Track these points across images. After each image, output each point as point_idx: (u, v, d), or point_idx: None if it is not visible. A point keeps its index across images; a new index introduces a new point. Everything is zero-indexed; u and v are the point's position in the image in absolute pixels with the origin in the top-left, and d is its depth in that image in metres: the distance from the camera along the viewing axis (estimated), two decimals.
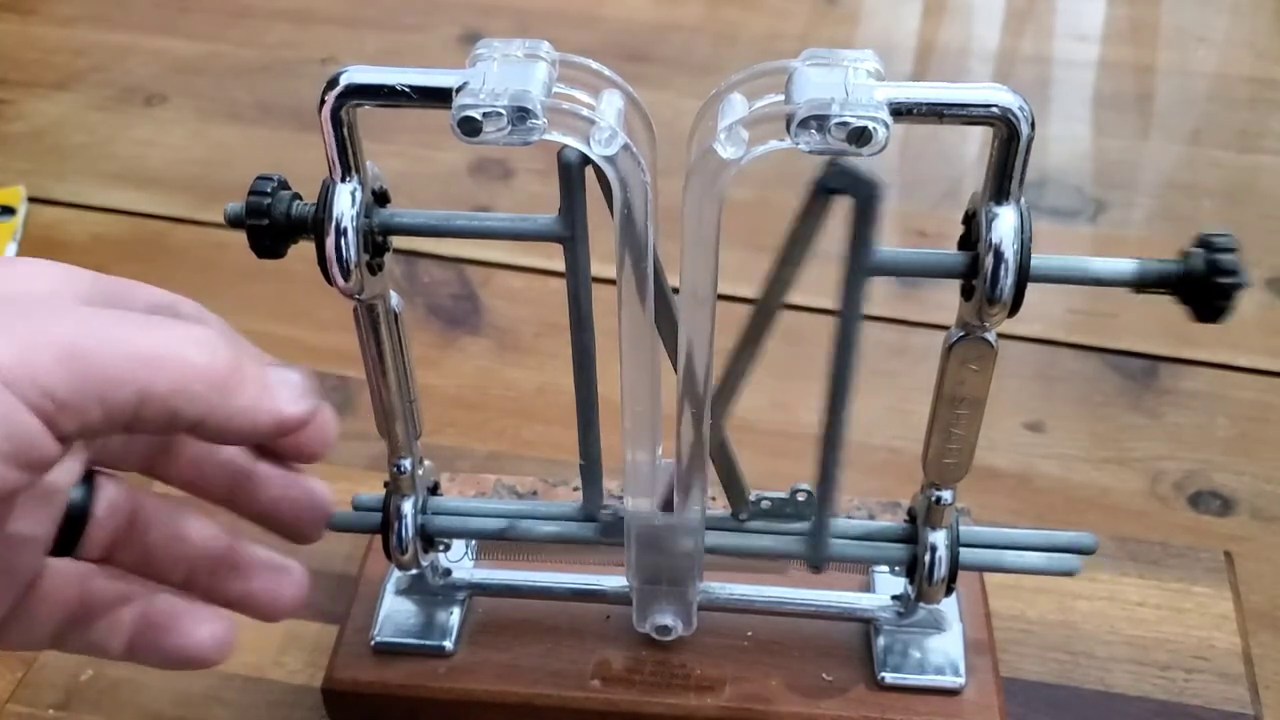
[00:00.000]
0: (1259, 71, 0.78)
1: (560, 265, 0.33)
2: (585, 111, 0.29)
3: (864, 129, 0.27)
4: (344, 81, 0.29)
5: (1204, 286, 0.30)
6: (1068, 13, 0.85)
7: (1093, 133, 0.73)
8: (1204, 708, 0.42)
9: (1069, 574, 0.38)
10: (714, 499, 0.37)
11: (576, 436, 0.36)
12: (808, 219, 0.30)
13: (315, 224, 0.31)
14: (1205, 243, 0.30)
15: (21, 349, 0.23)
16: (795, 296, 0.31)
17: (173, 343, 0.25)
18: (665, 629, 0.39)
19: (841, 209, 0.29)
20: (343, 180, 0.30)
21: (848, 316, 0.32)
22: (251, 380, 0.26)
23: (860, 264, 0.31)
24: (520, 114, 0.28)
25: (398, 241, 0.33)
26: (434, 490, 0.39)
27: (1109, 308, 0.58)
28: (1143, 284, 0.31)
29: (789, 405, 0.53)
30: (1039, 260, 0.30)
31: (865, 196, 0.30)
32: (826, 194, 0.29)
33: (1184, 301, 0.31)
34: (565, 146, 0.29)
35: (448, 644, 0.40)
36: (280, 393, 0.27)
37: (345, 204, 0.30)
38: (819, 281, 0.31)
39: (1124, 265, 0.31)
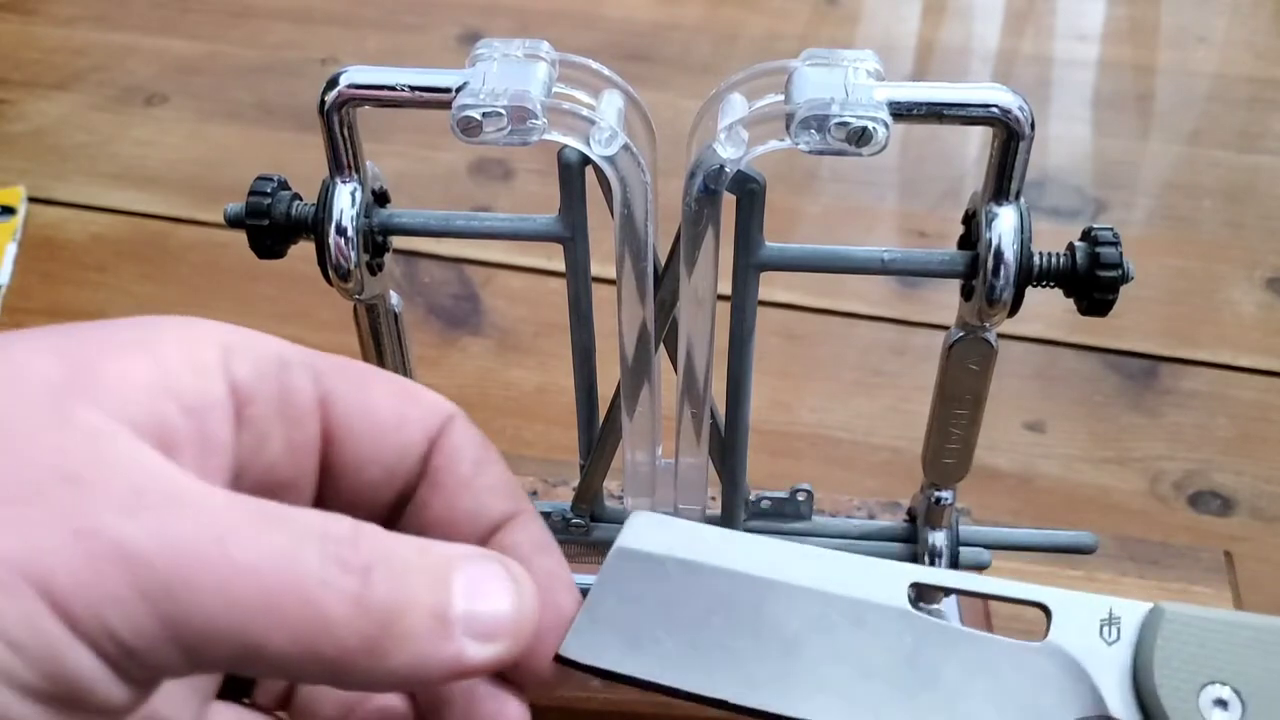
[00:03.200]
0: (1259, 71, 0.78)
1: (560, 265, 0.33)
2: (585, 111, 0.29)
3: (864, 129, 0.27)
4: (344, 81, 0.29)
5: (1087, 280, 0.30)
6: (1068, 12, 0.85)
7: (1093, 133, 0.73)
8: None
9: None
10: (714, 498, 0.37)
11: (576, 436, 0.36)
12: (696, 221, 0.30)
13: (315, 224, 0.31)
14: (1088, 236, 0.30)
15: (85, 560, 0.16)
16: (795, 297, 0.31)
17: (307, 587, 0.18)
18: None
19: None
20: (343, 180, 0.30)
21: (739, 310, 0.32)
22: (417, 636, 0.19)
23: (748, 259, 0.31)
24: (520, 114, 0.28)
25: (398, 241, 0.33)
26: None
27: None
28: (1028, 278, 0.31)
29: (789, 405, 0.53)
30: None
31: (746, 193, 0.30)
32: (709, 194, 0.29)
33: (1070, 295, 0.31)
34: (565, 146, 0.29)
35: None
36: (466, 644, 0.19)
37: (345, 204, 0.30)
38: (819, 281, 0.31)
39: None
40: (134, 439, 0.18)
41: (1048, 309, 0.41)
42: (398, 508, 0.23)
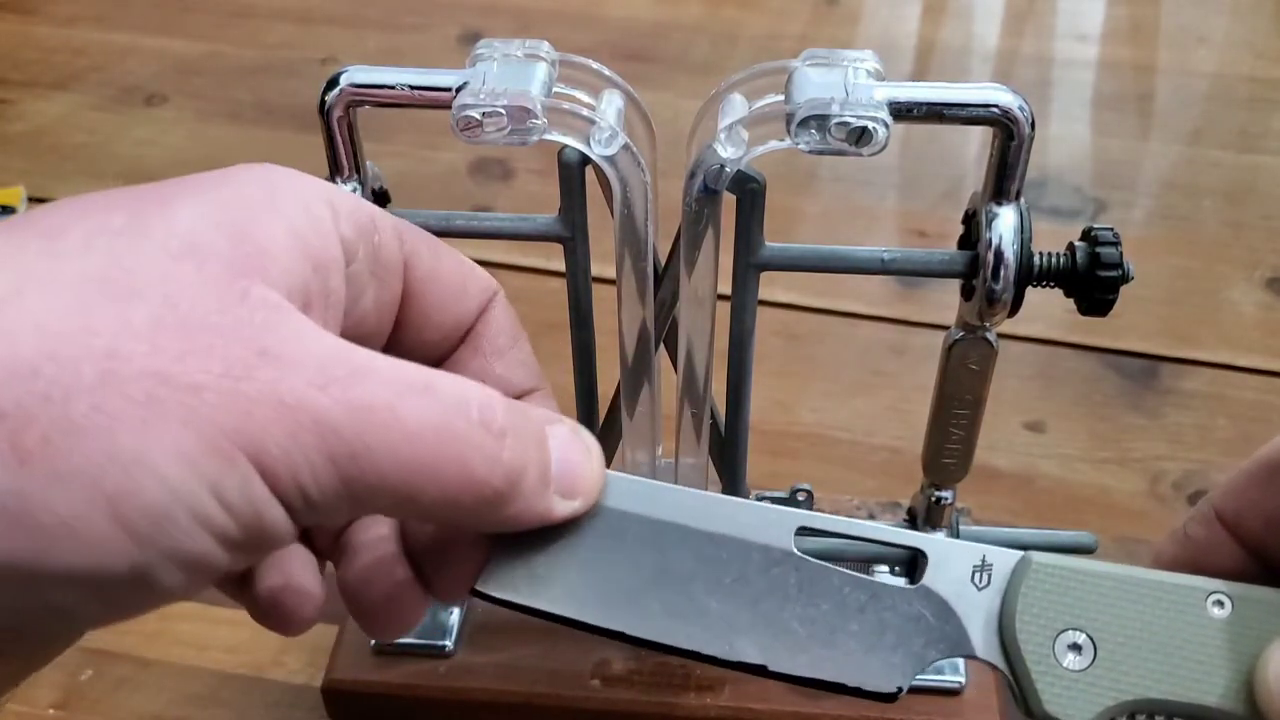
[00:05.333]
0: (1259, 71, 0.78)
1: (560, 265, 0.33)
2: (585, 111, 0.29)
3: (864, 129, 0.27)
4: (344, 81, 0.29)
5: (1088, 280, 0.30)
6: (1068, 13, 0.85)
7: (1093, 133, 0.73)
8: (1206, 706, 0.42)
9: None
10: None
11: None
12: (696, 221, 0.30)
13: None
14: (1089, 236, 0.31)
15: (289, 430, 0.19)
16: (795, 297, 0.31)
17: (461, 449, 0.20)
18: None
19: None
20: (343, 180, 0.30)
21: (739, 310, 0.33)
22: (529, 492, 0.22)
23: (748, 259, 0.31)
24: (520, 114, 0.28)
25: None
26: None
27: None
28: (1029, 278, 0.31)
29: (789, 405, 0.53)
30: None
31: (746, 193, 0.30)
32: (710, 194, 0.30)
33: (1070, 294, 0.31)
34: (565, 146, 0.29)
35: (447, 644, 0.40)
36: (555, 500, 0.23)
37: None
38: (819, 281, 0.31)
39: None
40: (301, 315, 0.20)
41: (1048, 309, 0.41)
42: (436, 364, 0.25)
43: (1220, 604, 0.23)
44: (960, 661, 0.39)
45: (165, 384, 0.18)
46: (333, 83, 0.29)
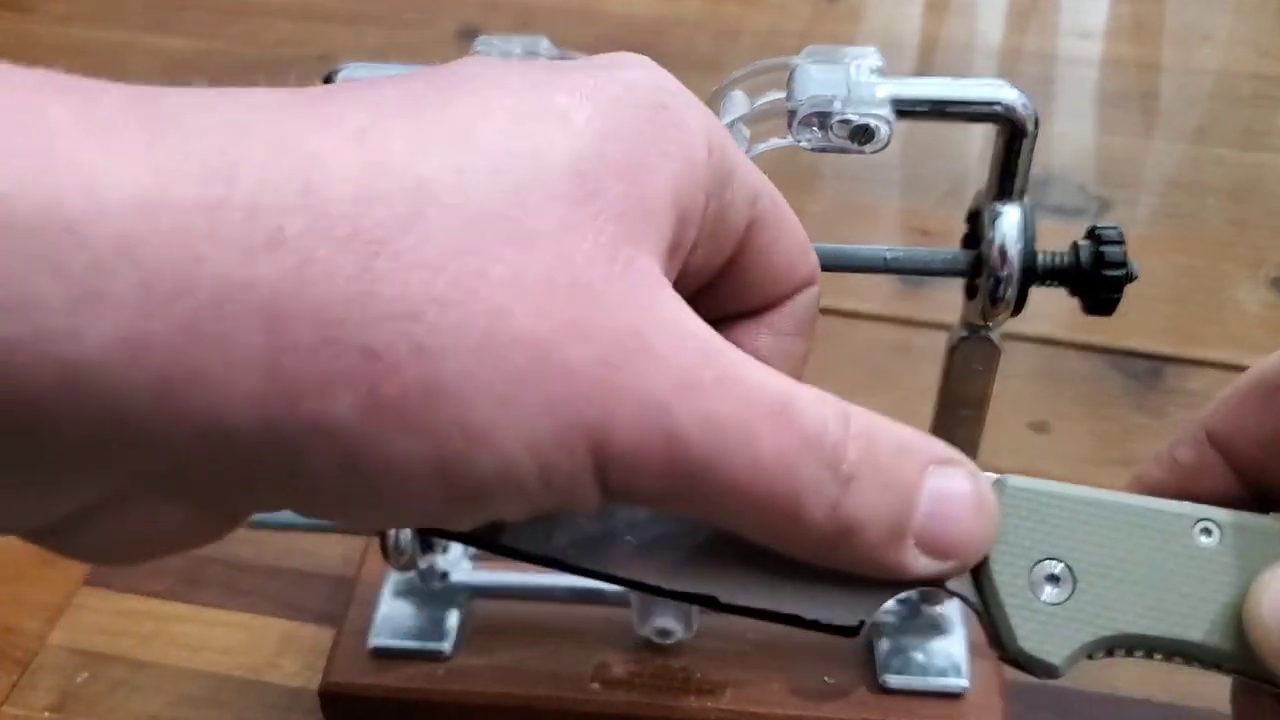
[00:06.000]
0: (1263, 69, 0.78)
1: None
2: None
3: (866, 126, 0.27)
4: (341, 78, 0.29)
5: (1092, 279, 0.30)
6: (1071, 9, 0.85)
7: (1097, 130, 0.73)
8: (1209, 710, 0.42)
9: None
10: None
11: None
12: None
13: None
14: (1093, 235, 0.30)
15: (640, 434, 0.17)
16: None
17: (799, 488, 0.18)
18: (666, 632, 0.39)
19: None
20: None
21: None
22: (872, 544, 0.19)
23: None
24: None
25: None
26: None
27: None
28: (1032, 277, 0.30)
29: None
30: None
31: None
32: None
33: (1074, 294, 0.30)
34: None
35: (446, 647, 0.40)
36: (913, 556, 0.20)
37: None
38: (822, 280, 0.31)
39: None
40: (675, 296, 0.18)
41: (1052, 308, 0.40)
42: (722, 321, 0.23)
43: (1208, 532, 0.21)
44: (963, 664, 0.39)
45: (540, 360, 0.17)
46: (330, 79, 0.29)
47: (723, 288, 0.22)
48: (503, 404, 0.16)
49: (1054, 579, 0.21)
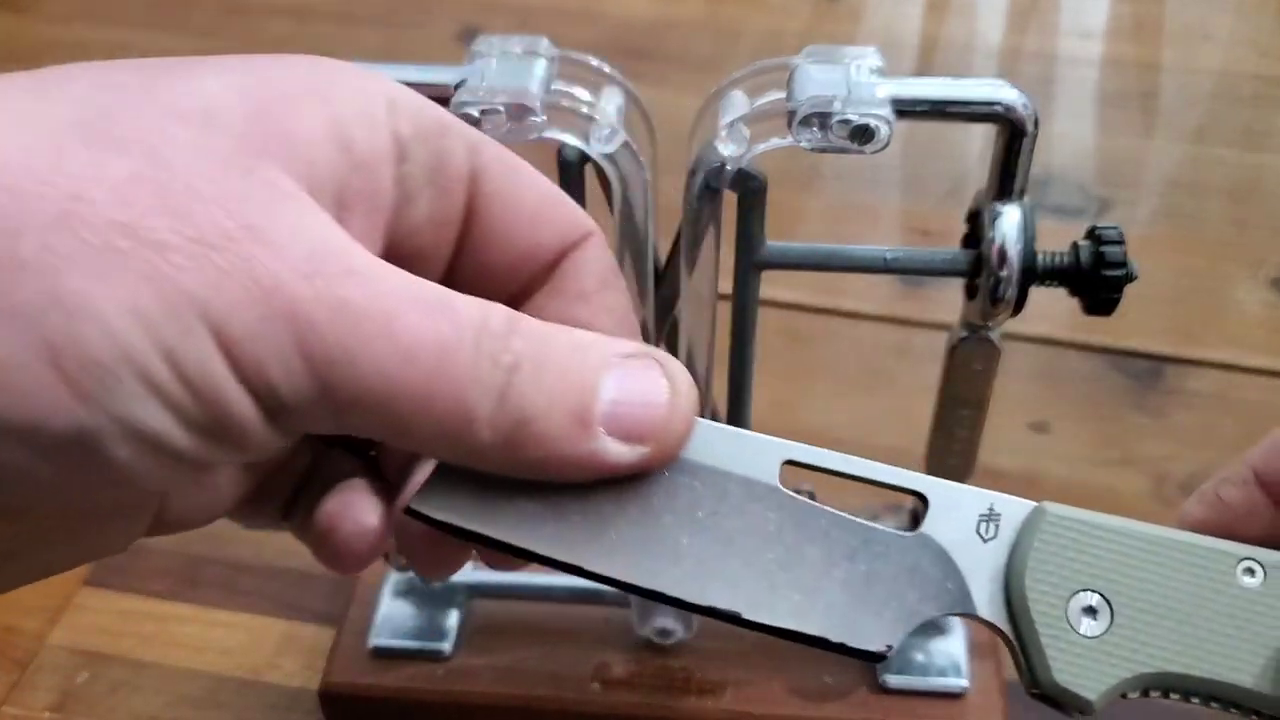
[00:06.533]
0: (1264, 69, 0.78)
1: None
2: (585, 109, 0.29)
3: (866, 126, 0.27)
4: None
5: (1092, 279, 0.30)
6: (1071, 9, 0.85)
7: (1097, 130, 0.73)
8: (1210, 711, 0.42)
9: None
10: None
11: None
12: (697, 219, 0.30)
13: None
14: (1093, 235, 0.30)
15: (259, 313, 0.17)
16: (797, 296, 0.31)
17: (460, 380, 0.18)
18: (666, 632, 0.39)
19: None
20: None
21: (740, 309, 0.32)
22: (554, 436, 0.19)
23: (749, 258, 0.31)
24: (519, 111, 0.28)
25: None
26: None
27: None
28: (1032, 277, 0.30)
29: (790, 405, 0.53)
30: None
31: (748, 191, 0.29)
32: (711, 192, 0.29)
33: (1074, 294, 0.30)
34: (564, 144, 0.29)
35: (446, 647, 0.40)
36: (607, 444, 0.19)
37: None
38: (821, 280, 0.31)
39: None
40: (314, 206, 0.18)
41: (1052, 308, 0.40)
42: (512, 304, 0.22)
43: (1252, 572, 0.21)
44: (963, 664, 0.38)
45: (128, 236, 0.16)
46: None
47: (484, 242, 0.22)
48: (94, 276, 0.16)
49: (1091, 611, 0.21)
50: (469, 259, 0.22)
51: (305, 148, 0.19)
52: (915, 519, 0.38)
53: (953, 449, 0.35)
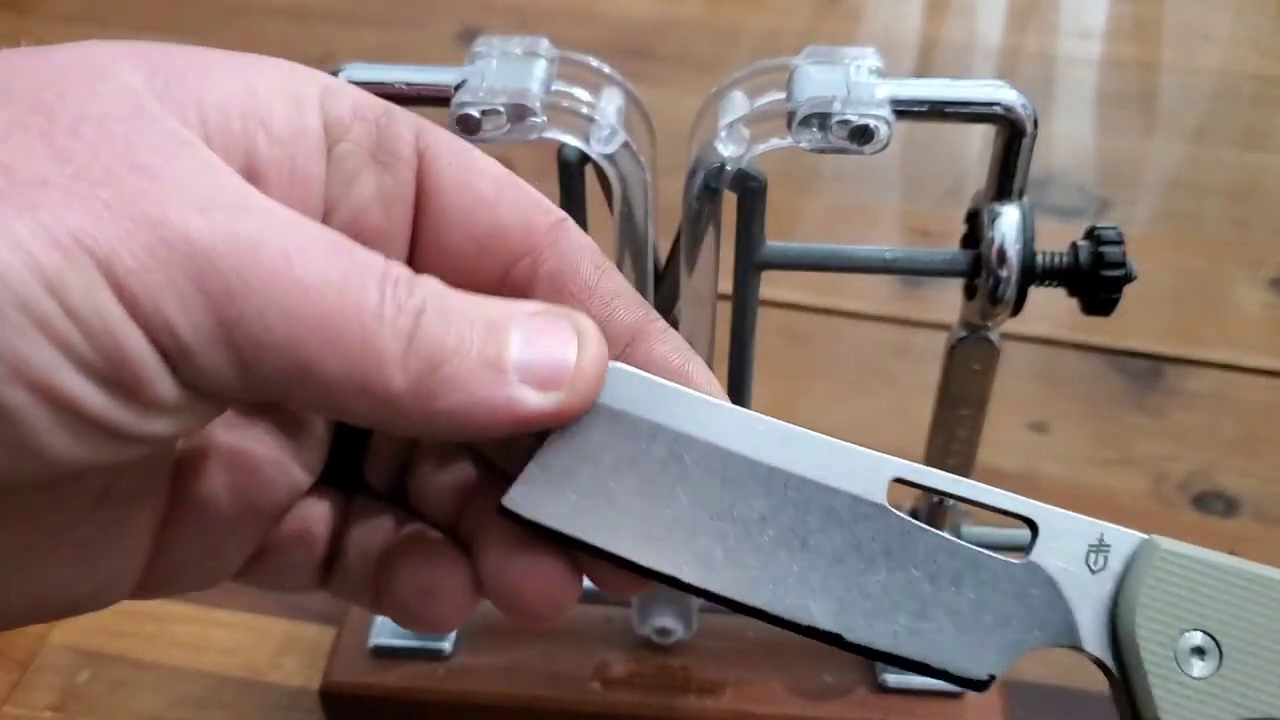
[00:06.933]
0: (1263, 69, 0.78)
1: None
2: (585, 109, 0.29)
3: (866, 127, 0.27)
4: (342, 79, 0.29)
5: (1091, 279, 0.30)
6: (1071, 10, 0.85)
7: (1096, 131, 0.73)
8: None
9: None
10: None
11: None
12: (696, 220, 0.30)
13: None
14: (1092, 235, 0.30)
15: (149, 245, 0.16)
16: (797, 296, 0.31)
17: (365, 317, 0.17)
18: (666, 631, 0.39)
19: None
20: None
21: (740, 309, 0.32)
22: (468, 380, 0.18)
23: (749, 258, 0.31)
24: (519, 111, 0.28)
25: None
26: None
27: None
28: (1032, 277, 0.30)
29: (790, 405, 0.53)
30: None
31: (747, 191, 0.29)
32: (710, 192, 0.29)
33: (1073, 294, 0.30)
34: (564, 144, 0.29)
35: (446, 646, 0.40)
36: (522, 391, 0.19)
37: None
38: (821, 280, 0.31)
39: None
40: (212, 155, 0.18)
41: (1051, 308, 0.41)
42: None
43: None
44: None
45: (4, 176, 0.16)
46: None
47: (441, 220, 0.21)
48: None
49: (1200, 652, 0.20)
50: (431, 239, 0.22)
51: (207, 110, 0.18)
52: (914, 518, 0.39)
53: (952, 449, 0.35)
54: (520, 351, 0.19)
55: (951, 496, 0.21)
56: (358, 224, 0.21)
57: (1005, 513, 0.21)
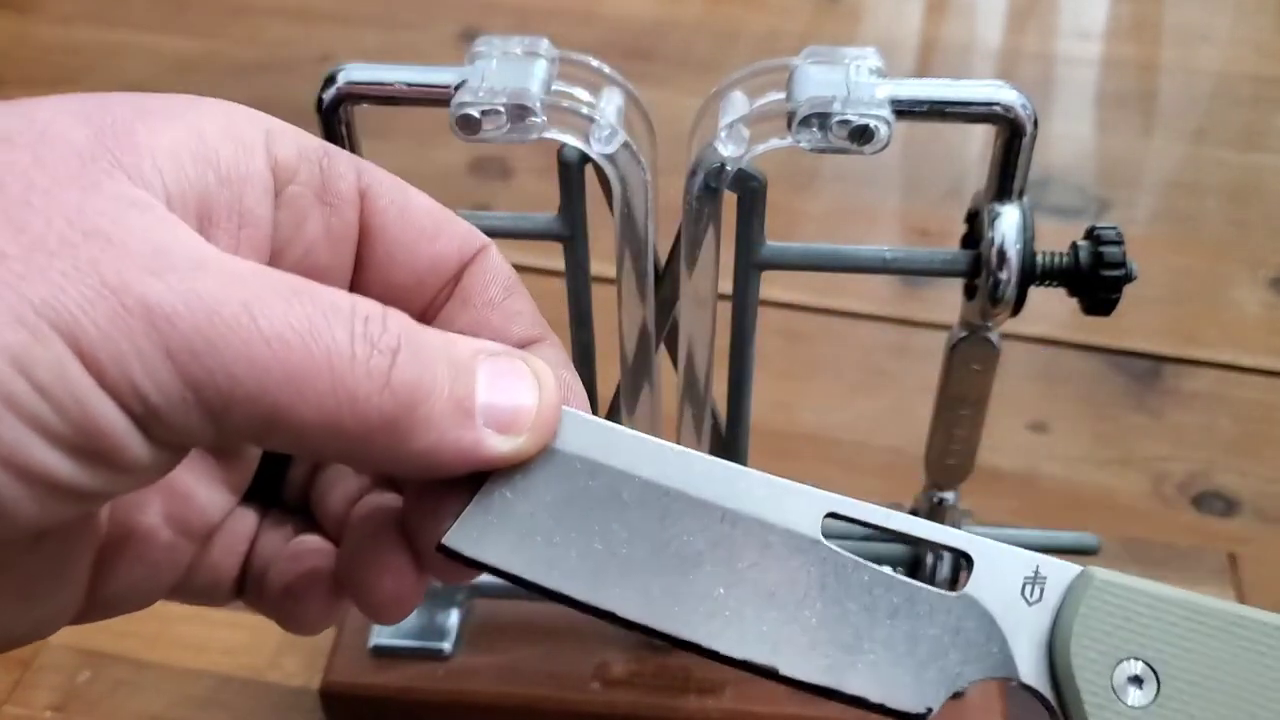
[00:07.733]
0: (1262, 69, 0.78)
1: (560, 264, 0.32)
2: (585, 109, 0.29)
3: (866, 127, 0.27)
4: (342, 79, 0.29)
5: (1091, 280, 0.30)
6: (1070, 10, 0.85)
7: (1096, 131, 0.73)
8: None
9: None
10: None
11: None
12: (696, 220, 0.30)
13: None
14: (1092, 235, 0.30)
15: (111, 314, 0.16)
16: (797, 296, 0.31)
17: (335, 360, 0.17)
18: None
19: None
20: None
21: (740, 309, 0.32)
22: (440, 421, 0.19)
23: (749, 258, 0.31)
24: (519, 111, 0.28)
25: None
26: None
27: None
28: (1031, 277, 0.30)
29: (790, 405, 0.53)
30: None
31: (747, 191, 0.29)
32: (710, 192, 0.29)
33: (1073, 294, 0.30)
34: (565, 145, 0.29)
35: (446, 646, 0.40)
36: (486, 434, 0.19)
37: None
38: (821, 281, 0.31)
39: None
40: (164, 212, 0.18)
41: (1051, 308, 0.41)
42: (423, 321, 0.22)
43: None
44: None
45: None
46: (330, 80, 0.29)
47: (384, 257, 0.22)
48: None
49: (1137, 681, 0.20)
50: (374, 275, 0.22)
51: (158, 158, 0.18)
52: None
53: (952, 449, 0.35)
54: (485, 394, 0.19)
55: (885, 530, 0.21)
56: (307, 263, 0.21)
57: (940, 546, 0.22)
